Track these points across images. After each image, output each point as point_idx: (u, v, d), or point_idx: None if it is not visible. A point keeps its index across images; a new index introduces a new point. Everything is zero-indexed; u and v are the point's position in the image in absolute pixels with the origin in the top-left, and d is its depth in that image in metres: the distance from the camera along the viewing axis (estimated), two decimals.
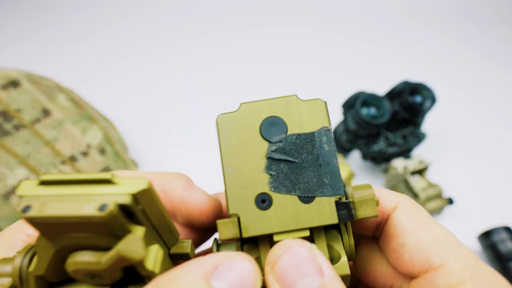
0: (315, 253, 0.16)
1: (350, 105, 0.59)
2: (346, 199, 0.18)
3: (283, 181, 0.18)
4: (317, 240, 0.18)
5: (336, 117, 0.69)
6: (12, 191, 0.44)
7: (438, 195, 0.57)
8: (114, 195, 0.13)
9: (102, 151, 0.53)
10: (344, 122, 0.60)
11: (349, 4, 1.09)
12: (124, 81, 0.85)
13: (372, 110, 0.58)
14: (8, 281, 0.15)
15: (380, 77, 0.83)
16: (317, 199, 0.17)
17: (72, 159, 0.49)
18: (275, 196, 0.17)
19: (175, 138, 0.73)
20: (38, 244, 0.14)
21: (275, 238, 0.17)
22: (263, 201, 0.17)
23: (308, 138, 0.18)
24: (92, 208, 0.13)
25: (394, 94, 0.60)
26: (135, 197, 0.14)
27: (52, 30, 1.01)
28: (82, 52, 0.94)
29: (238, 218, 0.17)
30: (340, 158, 0.62)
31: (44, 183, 0.14)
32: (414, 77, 0.79)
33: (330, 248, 0.18)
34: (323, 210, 0.17)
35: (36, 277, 0.15)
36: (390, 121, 0.60)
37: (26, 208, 0.13)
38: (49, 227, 0.13)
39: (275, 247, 0.16)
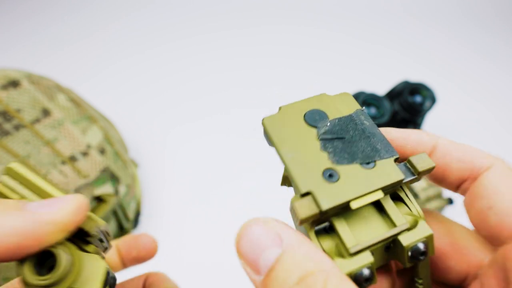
0: (271, 225, 0.15)
1: None
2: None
3: (342, 154, 0.19)
4: (388, 208, 0.18)
5: None
6: None
7: (438, 195, 0.57)
8: None
9: (102, 151, 0.53)
10: None
11: (349, 3, 1.09)
12: (124, 81, 0.85)
13: (372, 110, 0.58)
14: None
15: (380, 77, 0.83)
16: (377, 163, 0.18)
17: (72, 159, 0.49)
18: (340, 169, 0.18)
19: (175, 138, 0.73)
20: None
21: (353, 205, 0.17)
22: (331, 175, 0.18)
23: (349, 119, 0.20)
24: None
25: (394, 94, 0.60)
26: None
27: (52, 30, 1.01)
28: (82, 52, 0.94)
29: (313, 195, 0.17)
30: None
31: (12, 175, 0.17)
32: (414, 77, 0.79)
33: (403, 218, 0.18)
34: (388, 170, 0.18)
35: None
36: (390, 121, 0.60)
37: None
38: None
39: (236, 236, 0.16)
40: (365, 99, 0.57)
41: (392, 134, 0.20)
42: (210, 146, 0.71)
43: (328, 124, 0.20)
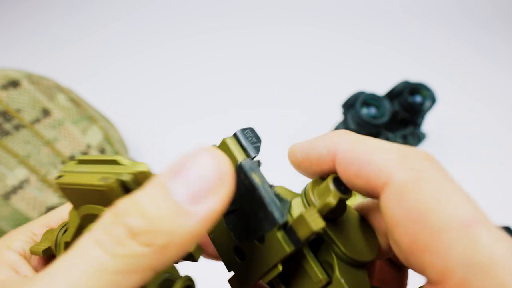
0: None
1: (350, 105, 0.59)
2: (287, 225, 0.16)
3: (240, 231, 0.17)
4: (306, 265, 0.17)
5: (336, 117, 0.69)
6: (12, 191, 0.44)
7: None
8: (119, 173, 0.14)
9: (102, 151, 0.53)
10: (344, 122, 0.60)
11: (349, 3, 1.09)
12: (124, 81, 0.85)
13: (372, 110, 0.58)
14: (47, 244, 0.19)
15: (380, 77, 0.83)
16: (266, 236, 0.16)
17: (72, 159, 0.49)
18: (244, 246, 0.18)
19: (175, 138, 0.73)
20: (69, 216, 0.17)
21: (263, 283, 0.17)
22: (239, 254, 0.18)
23: (238, 181, 0.17)
24: (98, 179, 0.14)
25: (394, 94, 0.60)
26: (135, 176, 0.14)
27: (52, 30, 1.01)
28: (82, 52, 0.94)
29: (235, 278, 0.18)
30: None
31: (81, 162, 0.17)
32: (414, 77, 0.79)
33: (325, 263, 0.17)
34: (275, 244, 0.16)
35: (65, 243, 0.18)
36: (390, 121, 0.60)
37: (59, 177, 0.16)
38: (72, 194, 0.16)
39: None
40: (365, 99, 0.57)
41: (296, 154, 0.18)
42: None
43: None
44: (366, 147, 0.15)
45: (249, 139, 0.19)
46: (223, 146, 0.18)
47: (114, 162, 0.16)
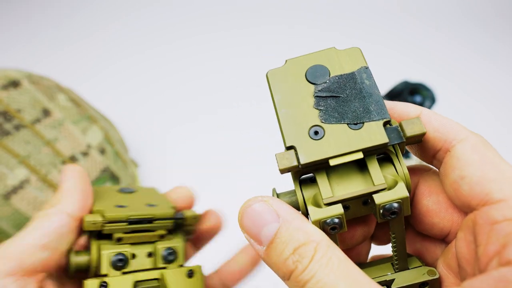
0: (270, 202, 0.18)
1: (395, 95, 0.59)
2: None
3: (332, 113, 0.19)
4: (371, 167, 0.19)
5: None
6: (12, 191, 0.44)
7: None
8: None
9: (102, 151, 0.53)
10: None
11: (349, 3, 1.09)
12: (124, 81, 0.85)
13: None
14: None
15: (380, 77, 0.82)
16: (366, 124, 0.19)
17: (72, 159, 0.49)
18: (327, 127, 0.19)
19: (175, 138, 0.73)
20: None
21: (331, 162, 0.18)
22: (316, 133, 0.19)
23: (350, 77, 0.20)
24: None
25: (394, 94, 0.60)
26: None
27: (52, 30, 1.01)
28: (82, 52, 0.94)
29: (295, 149, 0.19)
30: None
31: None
32: (414, 77, 0.79)
33: (385, 178, 0.19)
34: (373, 133, 0.19)
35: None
36: None
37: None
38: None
39: (239, 212, 0.19)
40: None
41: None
42: (210, 146, 0.71)
43: (327, 82, 0.20)
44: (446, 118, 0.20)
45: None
46: (353, 49, 0.21)
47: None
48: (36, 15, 1.06)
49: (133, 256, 0.25)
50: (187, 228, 0.29)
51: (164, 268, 0.26)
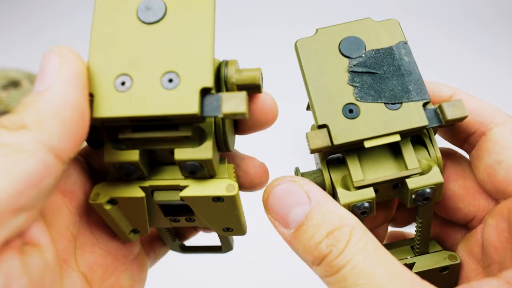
0: (301, 182, 0.17)
1: None
2: None
3: (368, 91, 0.18)
4: (405, 150, 0.18)
5: None
6: None
7: None
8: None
9: None
10: None
11: (349, 3, 1.09)
12: None
13: None
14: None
15: None
16: (404, 105, 0.18)
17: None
18: (362, 106, 0.18)
19: None
20: None
21: (366, 144, 0.17)
22: (351, 111, 0.18)
23: (387, 52, 0.19)
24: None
25: None
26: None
27: (52, 30, 1.01)
28: (82, 52, 0.94)
29: (328, 128, 0.18)
30: None
31: None
32: None
33: (418, 162, 0.18)
34: (412, 114, 0.17)
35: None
36: None
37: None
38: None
39: (264, 191, 0.17)
40: None
41: None
42: None
43: (362, 56, 0.19)
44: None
45: None
46: (391, 22, 0.20)
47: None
48: (36, 15, 1.06)
49: (151, 152, 0.19)
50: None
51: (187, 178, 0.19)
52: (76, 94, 0.16)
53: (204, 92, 0.17)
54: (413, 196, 0.18)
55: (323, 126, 0.18)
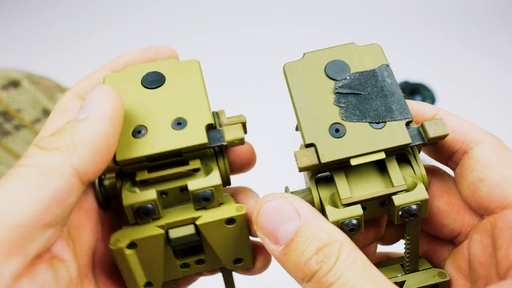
0: (291, 199, 0.17)
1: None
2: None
3: (353, 111, 0.19)
4: (390, 168, 0.19)
5: None
6: None
7: None
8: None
9: None
10: None
11: (349, 3, 1.09)
12: None
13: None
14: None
15: None
16: (388, 124, 0.19)
17: None
18: (348, 125, 0.19)
19: None
20: None
21: (352, 162, 0.18)
22: (337, 130, 0.19)
23: (371, 74, 0.20)
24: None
25: None
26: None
27: (52, 30, 1.01)
28: (82, 52, 0.94)
29: (315, 147, 0.18)
30: None
31: None
32: (414, 77, 0.79)
33: (404, 179, 0.19)
34: (395, 133, 0.18)
35: None
36: None
37: None
38: None
39: (254, 208, 0.18)
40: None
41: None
42: None
43: (347, 78, 0.20)
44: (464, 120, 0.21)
45: None
46: (373, 46, 0.21)
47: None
48: (36, 15, 1.06)
49: (163, 194, 0.21)
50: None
51: (199, 209, 0.21)
52: (110, 129, 0.17)
53: (209, 127, 0.20)
54: (400, 213, 0.18)
55: (311, 145, 0.18)
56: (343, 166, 0.19)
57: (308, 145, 0.18)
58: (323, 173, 0.20)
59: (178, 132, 0.20)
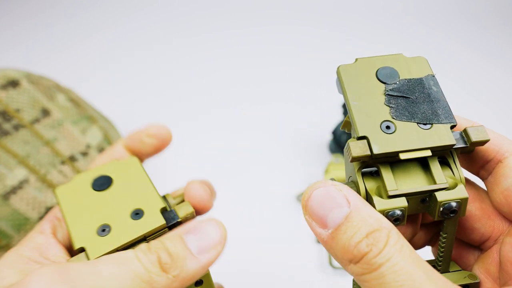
0: (340, 187, 0.18)
1: None
2: None
3: (403, 111, 0.20)
4: (433, 167, 0.20)
5: (337, 117, 0.69)
6: (11, 191, 0.44)
7: None
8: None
9: (101, 151, 0.53)
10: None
11: (349, 3, 1.09)
12: (124, 81, 0.85)
13: None
14: None
15: None
16: (434, 125, 0.20)
17: (72, 159, 0.49)
18: (398, 123, 0.20)
19: (175, 137, 0.72)
20: None
21: (402, 156, 0.19)
22: (388, 127, 0.20)
23: (418, 82, 0.22)
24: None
25: None
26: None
27: (51, 30, 1.01)
28: (82, 52, 0.94)
29: (368, 140, 0.19)
30: (339, 158, 0.62)
31: None
32: None
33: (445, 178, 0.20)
34: (441, 134, 0.20)
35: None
36: None
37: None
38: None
39: (304, 193, 0.19)
40: None
41: None
42: (211, 145, 0.71)
43: (397, 83, 0.21)
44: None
45: None
46: (420, 58, 0.23)
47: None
48: (36, 15, 1.06)
49: None
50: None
51: None
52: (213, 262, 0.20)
53: (163, 210, 0.24)
54: (441, 209, 0.19)
55: (363, 137, 0.20)
56: (389, 161, 0.20)
57: (360, 138, 0.20)
58: (368, 169, 0.21)
59: (138, 221, 0.23)
